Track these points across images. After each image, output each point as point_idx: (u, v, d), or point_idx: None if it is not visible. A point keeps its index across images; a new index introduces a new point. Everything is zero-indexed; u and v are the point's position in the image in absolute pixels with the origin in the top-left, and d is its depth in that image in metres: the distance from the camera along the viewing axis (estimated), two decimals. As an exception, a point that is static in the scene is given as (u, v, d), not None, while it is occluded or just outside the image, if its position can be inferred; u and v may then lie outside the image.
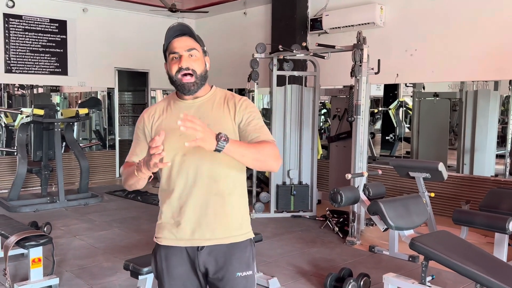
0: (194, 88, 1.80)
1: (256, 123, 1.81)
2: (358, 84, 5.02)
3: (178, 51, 1.78)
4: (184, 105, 1.86)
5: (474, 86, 6.27)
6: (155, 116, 1.89)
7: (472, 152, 6.24)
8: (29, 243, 3.67)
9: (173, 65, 1.79)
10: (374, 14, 6.30)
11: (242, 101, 1.84)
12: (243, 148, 1.66)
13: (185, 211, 1.80)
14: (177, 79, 1.79)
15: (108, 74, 8.59)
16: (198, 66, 1.80)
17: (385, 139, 8.06)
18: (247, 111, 1.82)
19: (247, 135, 1.79)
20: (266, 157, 1.72)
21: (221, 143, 1.54)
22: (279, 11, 7.53)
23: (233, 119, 1.81)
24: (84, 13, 8.19)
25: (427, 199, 4.74)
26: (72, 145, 7.07)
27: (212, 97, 1.87)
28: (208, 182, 1.79)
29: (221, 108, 1.83)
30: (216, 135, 1.54)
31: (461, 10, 5.77)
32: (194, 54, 1.80)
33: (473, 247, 3.22)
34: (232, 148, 1.58)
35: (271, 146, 1.74)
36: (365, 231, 5.34)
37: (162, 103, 1.93)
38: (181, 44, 1.80)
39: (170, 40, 1.82)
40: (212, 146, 1.54)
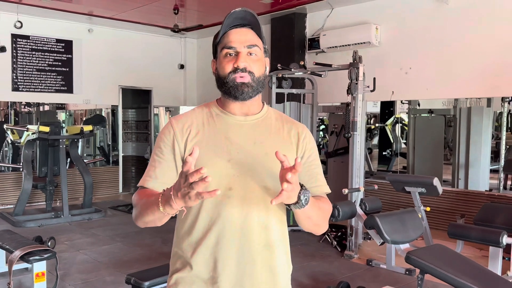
0: (248, 91, 1.38)
1: (317, 166, 1.47)
2: (354, 102, 5.05)
3: (236, 46, 1.37)
4: (233, 121, 1.42)
5: (467, 103, 6.30)
6: (191, 129, 1.40)
7: (466, 167, 6.25)
8: (33, 257, 3.67)
9: (226, 63, 1.38)
10: (370, 34, 6.36)
11: (306, 131, 1.48)
12: (314, 210, 1.33)
13: (225, 266, 1.35)
14: (230, 80, 1.37)
15: (113, 92, 8.65)
16: (258, 68, 1.40)
17: (382, 155, 8.08)
18: (311, 145, 1.46)
19: (305, 181, 1.37)
20: (324, 222, 1.43)
21: (302, 201, 1.23)
22: (278, 31, 7.61)
23: (295, 151, 1.43)
24: (90, 33, 8.28)
25: (423, 213, 4.74)
26: (76, 161, 7.09)
27: (267, 117, 1.46)
28: (258, 230, 1.37)
29: (280, 132, 1.44)
30: (300, 190, 1.21)
31: (455, 30, 5.83)
32: (255, 52, 1.39)
33: (468, 261, 3.21)
34: (309, 207, 1.26)
35: (329, 207, 1.45)
36: (362, 245, 5.32)
37: (199, 113, 1.46)
38: (240, 37, 1.38)
39: (227, 30, 1.40)
40: (292, 201, 1.22)
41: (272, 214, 1.38)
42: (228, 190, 1.32)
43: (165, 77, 9.30)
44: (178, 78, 9.58)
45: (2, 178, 7.46)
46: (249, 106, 1.43)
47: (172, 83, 9.46)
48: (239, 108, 1.42)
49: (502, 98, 5.86)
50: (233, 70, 1.37)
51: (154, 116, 9.54)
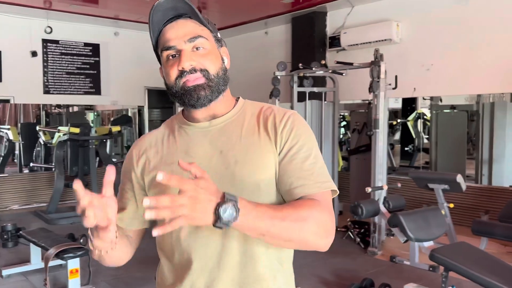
0: (206, 94, 1.09)
1: (303, 158, 1.07)
2: (376, 100, 5.02)
3: (175, 44, 1.08)
4: (196, 131, 1.15)
5: (490, 98, 6.19)
6: (149, 154, 1.17)
7: (490, 163, 6.14)
8: (67, 255, 3.78)
9: (170, 68, 1.09)
10: (391, 31, 6.29)
11: (287, 118, 1.11)
12: (265, 223, 0.94)
13: None
14: (179, 88, 1.09)
15: (139, 93, 8.78)
16: (211, 63, 1.10)
17: (404, 150, 8.00)
18: (293, 134, 1.09)
19: (285, 181, 1.07)
20: (304, 234, 0.99)
21: (223, 219, 0.87)
22: (298, 30, 7.59)
23: (274, 147, 1.09)
24: (116, 37, 8.41)
25: (446, 210, 4.68)
26: (105, 160, 7.24)
27: (241, 116, 1.16)
28: (240, 261, 1.07)
29: (255, 131, 1.12)
30: (217, 204, 0.87)
31: (476, 25, 5.72)
32: (201, 45, 1.09)
33: (492, 258, 3.17)
34: (245, 224, 0.91)
35: (317, 212, 1.01)
36: (386, 241, 5.29)
37: (160, 132, 1.22)
38: (178, 32, 1.09)
39: (161, 29, 1.11)
40: (207, 221, 0.88)
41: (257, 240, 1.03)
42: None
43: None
44: (201, 78, 9.62)
45: (35, 177, 7.67)
46: (214, 108, 1.14)
47: (195, 83, 9.50)
48: (202, 113, 1.14)
49: (527, 93, 5.73)
50: (179, 75, 1.08)
51: (178, 115, 9.64)
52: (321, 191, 1.06)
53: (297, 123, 1.11)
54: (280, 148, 1.08)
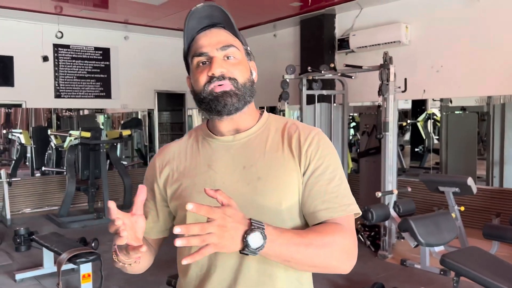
0: (232, 102, 1.08)
1: (327, 181, 1.08)
2: (385, 103, 5.00)
3: (207, 50, 1.09)
4: (219, 144, 1.15)
5: (501, 100, 6.14)
6: (172, 166, 1.17)
7: (501, 164, 6.08)
8: (80, 259, 3.82)
9: (199, 74, 1.09)
10: (400, 33, 6.27)
11: (312, 137, 1.10)
12: (291, 250, 0.95)
13: None
14: (207, 93, 1.08)
15: (148, 96, 8.83)
16: (240, 73, 1.10)
17: (415, 151, 7.95)
18: (318, 155, 1.09)
19: (309, 203, 1.07)
20: (328, 260, 1.01)
21: (251, 247, 0.89)
22: (307, 32, 7.59)
23: (298, 166, 1.09)
24: (125, 41, 8.47)
25: (457, 213, 4.65)
26: (116, 164, 7.29)
27: (265, 131, 1.15)
28: (258, 281, 1.07)
29: (279, 148, 1.11)
30: (245, 231, 0.89)
31: (486, 27, 5.68)
32: (233, 54, 1.11)
33: (504, 263, 3.15)
34: (271, 251, 0.92)
35: (341, 237, 1.02)
36: (396, 244, 5.27)
37: (183, 143, 1.21)
38: (211, 39, 1.10)
39: (194, 36, 1.12)
40: (234, 249, 0.90)
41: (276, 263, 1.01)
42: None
43: (198, 80, 9.38)
44: (211, 81, 9.65)
45: (47, 181, 7.75)
46: (238, 121, 1.13)
47: (204, 85, 9.53)
48: (226, 125, 1.14)
49: (538, 94, 5.67)
50: (208, 81, 1.08)
51: (188, 118, 9.69)
52: (345, 215, 1.06)
53: (322, 143, 1.11)
54: (305, 168, 1.08)
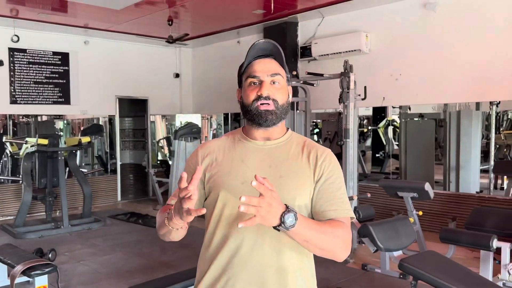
0: (272, 118, 1.41)
1: (336, 189, 1.42)
2: (346, 110, 5.10)
3: (260, 75, 1.42)
4: (252, 146, 1.47)
5: (457, 107, 6.36)
6: (213, 156, 1.49)
7: (457, 169, 6.30)
8: (35, 272, 3.68)
9: (250, 92, 1.43)
10: (360, 42, 6.41)
11: (326, 154, 1.45)
12: (310, 233, 1.28)
13: (233, 285, 1.38)
14: (254, 108, 1.41)
15: (109, 102, 8.67)
16: (281, 96, 1.44)
17: (376, 156, 8.12)
18: (330, 168, 1.43)
19: (320, 203, 1.40)
20: (334, 246, 1.35)
21: (286, 224, 1.19)
22: (271, 39, 7.63)
23: (312, 174, 1.42)
24: (86, 45, 8.29)
25: (415, 217, 4.78)
26: (75, 172, 7.09)
27: (289, 142, 1.48)
28: (269, 253, 1.37)
29: (299, 157, 1.45)
30: (283, 212, 1.18)
31: (443, 37, 5.89)
32: (278, 81, 1.44)
33: (459, 267, 3.25)
34: (297, 231, 1.22)
35: (344, 232, 1.37)
36: (358, 249, 5.35)
37: (223, 141, 1.53)
38: (264, 67, 1.44)
39: (251, 61, 1.46)
40: (273, 223, 1.19)
41: (286, 238, 1.31)
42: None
43: (161, 86, 9.32)
44: (174, 87, 9.59)
45: (2, 190, 7.45)
46: (271, 132, 1.47)
47: (168, 92, 9.47)
48: (260, 134, 1.47)
49: (490, 102, 5.91)
50: (256, 98, 1.42)
51: (151, 124, 9.56)
52: (346, 216, 1.41)
53: (333, 161, 1.46)
54: (318, 177, 1.41)
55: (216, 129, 9.87)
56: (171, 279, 3.23)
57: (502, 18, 5.40)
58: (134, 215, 7.64)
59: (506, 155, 6.33)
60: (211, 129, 9.99)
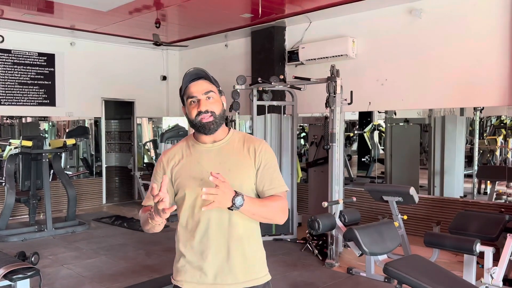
0: (214, 127, 1.81)
1: (272, 171, 1.85)
2: (332, 114, 5.11)
3: (196, 95, 1.81)
4: (203, 149, 1.86)
5: (441, 112, 6.43)
6: (175, 160, 1.88)
7: (442, 174, 6.36)
8: (16, 276, 3.60)
9: (192, 109, 1.82)
10: (347, 47, 6.45)
11: (262, 147, 1.86)
12: (256, 207, 1.73)
13: (207, 256, 1.79)
14: (197, 121, 1.80)
15: (95, 104, 8.59)
16: (217, 107, 1.82)
17: (362, 161, 8.17)
18: (265, 157, 1.85)
19: (261, 183, 1.82)
20: (274, 215, 1.80)
21: (236, 205, 1.63)
22: (258, 43, 7.66)
23: (253, 163, 1.83)
24: (72, 47, 8.22)
25: (400, 221, 4.80)
26: (59, 174, 7.00)
27: (231, 141, 1.87)
28: (229, 227, 1.79)
29: (241, 152, 1.85)
30: (233, 196, 1.61)
31: (428, 43, 5.95)
32: (212, 96, 1.82)
33: (443, 271, 3.27)
34: (246, 207, 1.66)
35: (281, 202, 1.81)
36: (343, 253, 5.37)
37: (179, 147, 1.92)
38: (198, 88, 1.82)
39: (187, 85, 1.84)
40: (227, 205, 1.62)
41: (237, 214, 1.75)
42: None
43: (147, 89, 9.27)
44: (161, 89, 9.55)
45: (-16, 192, 7.32)
46: (215, 135, 1.86)
47: (154, 94, 9.43)
48: (207, 138, 1.87)
49: (474, 108, 5.99)
50: (197, 114, 1.81)
51: (137, 127, 9.49)
52: (282, 191, 1.86)
53: (268, 150, 1.88)
54: (258, 165, 1.83)
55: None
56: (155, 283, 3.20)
57: (484, 25, 5.48)
58: (119, 218, 7.57)
59: (490, 160, 6.42)
60: (198, 132, 9.94)
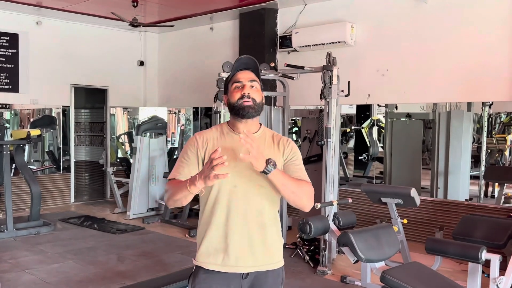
0: (252, 112, 2.09)
1: (298, 164, 2.17)
2: (328, 107, 5.12)
3: (242, 80, 2.12)
4: (237, 137, 2.06)
5: (447, 107, 6.47)
6: (208, 143, 2.15)
7: (446, 175, 6.41)
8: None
9: (235, 93, 2.12)
10: (345, 33, 6.46)
11: (289, 143, 2.20)
12: (286, 179, 2.01)
13: (232, 239, 2.08)
14: (239, 104, 2.09)
15: (64, 91, 8.52)
16: (258, 96, 2.13)
17: (359, 159, 8.20)
18: (292, 152, 2.18)
19: (289, 173, 2.10)
20: (302, 193, 2.07)
21: (270, 166, 1.90)
22: (247, 27, 7.63)
23: (281, 157, 2.15)
24: (38, 26, 8.12)
25: (399, 226, 4.83)
26: (22, 169, 6.93)
27: (263, 135, 2.19)
28: (255, 214, 2.10)
29: (272, 146, 2.17)
30: (267, 159, 1.90)
31: (434, 30, 5.98)
32: (255, 85, 2.14)
33: (446, 280, 3.31)
34: (278, 174, 1.95)
35: (309, 186, 2.11)
36: (336, 259, 5.39)
37: (214, 131, 2.21)
38: (245, 75, 2.14)
39: (235, 72, 2.16)
40: (261, 167, 1.89)
41: (266, 202, 2.11)
42: (234, 187, 2.06)
43: (122, 75, 9.21)
44: (137, 76, 9.50)
45: None
46: (250, 125, 2.15)
47: (130, 81, 9.37)
48: (243, 127, 2.13)
49: (483, 102, 6.04)
50: (240, 97, 2.10)
51: (111, 117, 9.42)
52: (308, 181, 2.14)
53: (294, 147, 2.20)
54: (285, 158, 2.16)
55: (185, 125, 9.80)
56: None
57: (495, 13, 5.53)
58: (88, 218, 7.52)
59: (498, 160, 6.48)
60: (179, 124, 9.91)
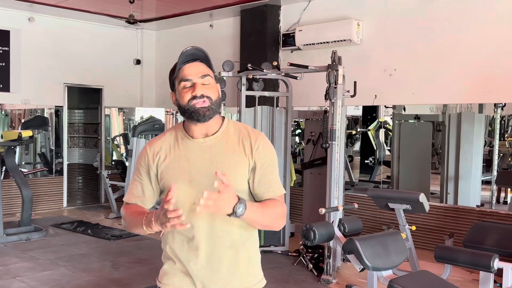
0: (209, 114, 1.81)
1: (270, 172, 1.89)
2: (333, 108, 5.12)
3: (191, 78, 1.81)
4: (194, 145, 1.88)
5: (457, 109, 6.47)
6: (160, 155, 1.90)
7: (456, 180, 6.41)
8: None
9: (185, 94, 1.81)
10: (351, 31, 6.47)
11: (259, 142, 1.88)
12: (256, 216, 1.77)
13: (196, 264, 1.86)
14: (190, 106, 1.80)
15: (57, 91, 8.53)
16: (213, 93, 1.83)
17: (365, 163, 8.20)
18: (263, 155, 1.87)
19: (258, 185, 1.87)
20: (274, 222, 1.88)
21: (237, 214, 1.66)
22: (248, 24, 7.65)
23: (248, 163, 1.86)
24: (30, 23, 8.14)
25: (407, 232, 4.82)
26: (13, 172, 6.94)
27: (225, 135, 1.89)
28: (221, 234, 1.84)
29: (235, 148, 1.87)
30: (236, 203, 1.65)
31: (444, 29, 5.98)
32: (208, 81, 1.83)
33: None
34: (247, 214, 1.69)
35: (280, 209, 1.88)
36: (341, 267, 5.39)
37: (167, 138, 1.94)
38: (193, 70, 1.82)
39: (181, 66, 1.84)
40: (227, 212, 1.66)
41: (233, 221, 1.77)
42: (193, 204, 1.71)
43: (118, 74, 9.23)
44: (134, 75, 9.51)
45: None
46: (208, 127, 1.87)
47: (126, 80, 9.39)
48: (199, 130, 1.87)
49: (495, 104, 6.04)
50: (191, 98, 1.80)
51: (105, 118, 9.43)
52: (280, 194, 1.91)
53: (266, 146, 1.90)
54: (254, 164, 1.86)
55: (182, 126, 9.80)
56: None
57: (509, 8, 5.52)
58: (82, 224, 7.54)
59: (511, 165, 6.48)
60: (177, 125, 9.91)
